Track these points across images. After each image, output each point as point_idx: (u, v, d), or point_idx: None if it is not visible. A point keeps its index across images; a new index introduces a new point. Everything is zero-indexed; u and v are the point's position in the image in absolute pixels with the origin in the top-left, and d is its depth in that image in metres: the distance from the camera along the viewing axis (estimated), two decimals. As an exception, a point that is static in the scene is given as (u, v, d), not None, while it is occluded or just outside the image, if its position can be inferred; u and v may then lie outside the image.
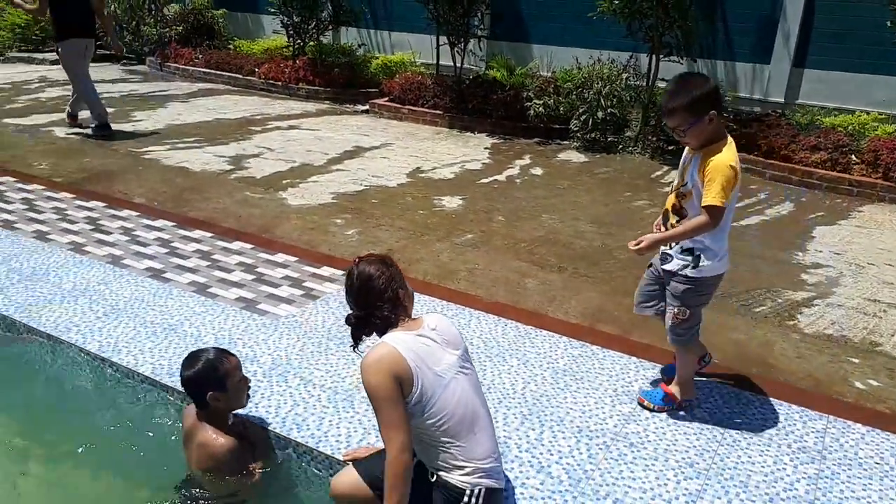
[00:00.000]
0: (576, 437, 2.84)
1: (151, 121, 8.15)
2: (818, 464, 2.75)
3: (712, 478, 2.65)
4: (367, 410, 2.93)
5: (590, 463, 2.70)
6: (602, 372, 3.30)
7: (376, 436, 2.78)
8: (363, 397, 3.02)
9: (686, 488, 2.59)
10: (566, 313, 3.95)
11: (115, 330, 3.51)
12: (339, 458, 2.67)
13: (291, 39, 10.28)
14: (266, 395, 3.03)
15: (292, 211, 5.42)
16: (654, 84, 7.52)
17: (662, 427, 2.93)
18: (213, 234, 4.79)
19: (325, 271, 4.30)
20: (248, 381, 2.71)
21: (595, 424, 2.93)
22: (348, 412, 2.94)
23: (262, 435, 2.80)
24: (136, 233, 4.78)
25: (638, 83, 7.87)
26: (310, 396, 3.04)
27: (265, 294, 3.97)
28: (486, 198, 5.93)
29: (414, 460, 2.18)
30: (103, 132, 7.31)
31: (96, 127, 7.33)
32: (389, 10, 10.65)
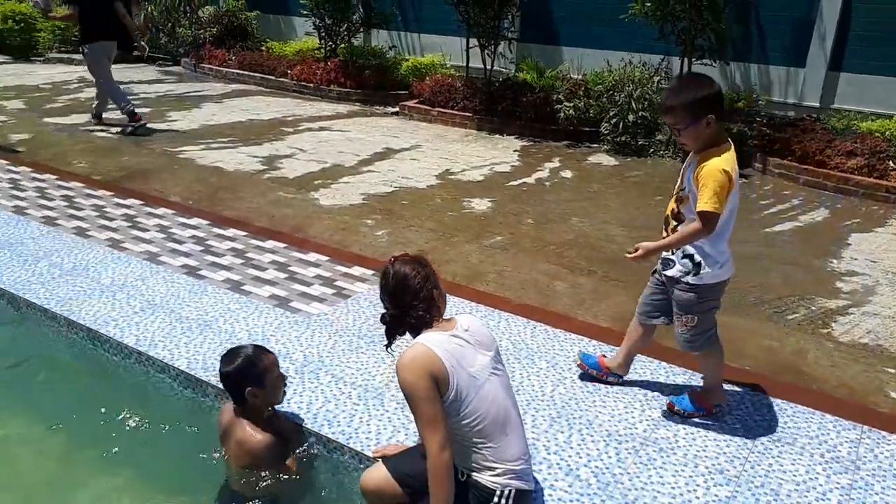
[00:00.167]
0: (605, 440, 2.85)
1: (186, 121, 8.30)
2: (851, 474, 2.71)
3: (742, 485, 2.63)
4: (396, 409, 2.97)
5: (619, 467, 2.70)
6: (632, 376, 3.29)
7: (405, 434, 2.81)
8: (392, 395, 3.06)
9: (716, 495, 2.58)
10: (595, 317, 3.94)
11: (152, 325, 3.59)
12: (369, 454, 2.70)
13: (323, 41, 10.39)
14: (298, 391, 3.08)
15: (324, 211, 5.49)
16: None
17: (692, 433, 2.92)
18: (246, 233, 4.88)
19: (356, 271, 4.35)
20: (285, 378, 2.76)
21: (624, 428, 2.93)
22: (378, 410, 2.98)
23: (294, 429, 2.85)
24: (171, 230, 4.89)
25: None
26: (340, 393, 3.08)
27: (298, 292, 4.03)
28: (515, 200, 5.94)
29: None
30: (135, 123, 7.55)
31: (130, 121, 7.57)
32: (420, 12, 10.71)
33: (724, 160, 2.60)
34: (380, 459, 2.55)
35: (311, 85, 10.16)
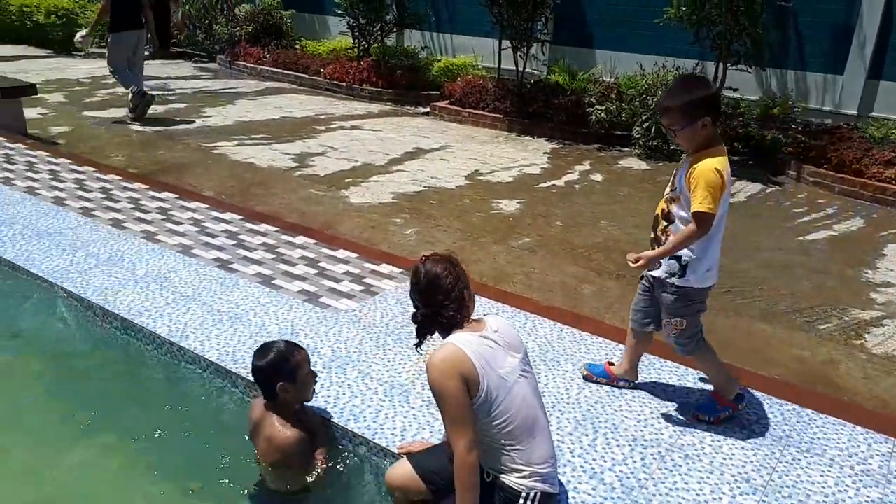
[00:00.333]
0: (630, 445, 2.83)
1: (221, 117, 8.44)
2: (883, 488, 2.66)
3: (769, 495, 2.60)
4: (422, 406, 2.99)
5: (643, 472, 2.69)
6: (659, 382, 3.28)
7: (430, 431, 2.83)
8: (418, 393, 3.08)
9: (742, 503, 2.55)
10: (623, 321, 3.91)
11: (184, 316, 3.66)
12: (394, 450, 2.73)
13: (357, 41, 10.48)
14: (325, 385, 3.12)
15: (353, 209, 5.54)
16: (720, 93, 7.38)
17: (718, 440, 2.89)
18: (277, 229, 4.94)
19: (384, 268, 4.39)
20: (316, 375, 2.79)
21: (650, 434, 2.91)
22: (403, 406, 3.00)
23: (321, 423, 2.88)
24: (205, 224, 4.97)
25: (703, 91, 7.72)
26: (367, 389, 3.11)
27: (327, 288, 4.08)
28: (543, 202, 5.93)
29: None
30: (141, 99, 7.82)
31: (135, 96, 7.84)
32: (453, 13, 10.74)
33: (717, 161, 2.61)
34: (405, 456, 2.57)
35: (344, 84, 10.25)
